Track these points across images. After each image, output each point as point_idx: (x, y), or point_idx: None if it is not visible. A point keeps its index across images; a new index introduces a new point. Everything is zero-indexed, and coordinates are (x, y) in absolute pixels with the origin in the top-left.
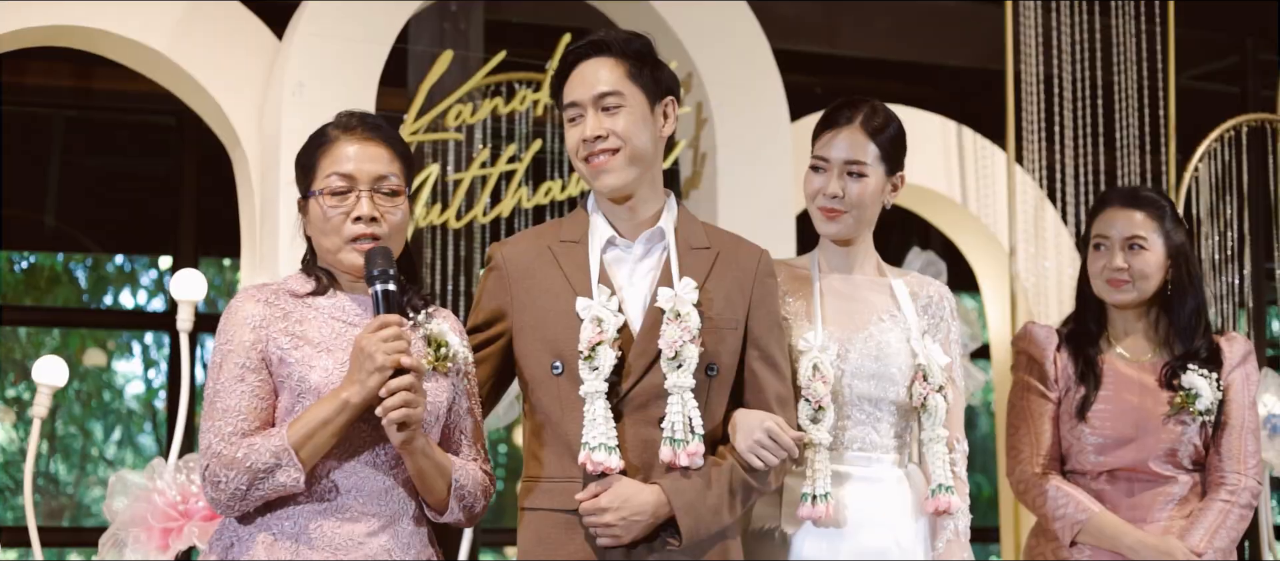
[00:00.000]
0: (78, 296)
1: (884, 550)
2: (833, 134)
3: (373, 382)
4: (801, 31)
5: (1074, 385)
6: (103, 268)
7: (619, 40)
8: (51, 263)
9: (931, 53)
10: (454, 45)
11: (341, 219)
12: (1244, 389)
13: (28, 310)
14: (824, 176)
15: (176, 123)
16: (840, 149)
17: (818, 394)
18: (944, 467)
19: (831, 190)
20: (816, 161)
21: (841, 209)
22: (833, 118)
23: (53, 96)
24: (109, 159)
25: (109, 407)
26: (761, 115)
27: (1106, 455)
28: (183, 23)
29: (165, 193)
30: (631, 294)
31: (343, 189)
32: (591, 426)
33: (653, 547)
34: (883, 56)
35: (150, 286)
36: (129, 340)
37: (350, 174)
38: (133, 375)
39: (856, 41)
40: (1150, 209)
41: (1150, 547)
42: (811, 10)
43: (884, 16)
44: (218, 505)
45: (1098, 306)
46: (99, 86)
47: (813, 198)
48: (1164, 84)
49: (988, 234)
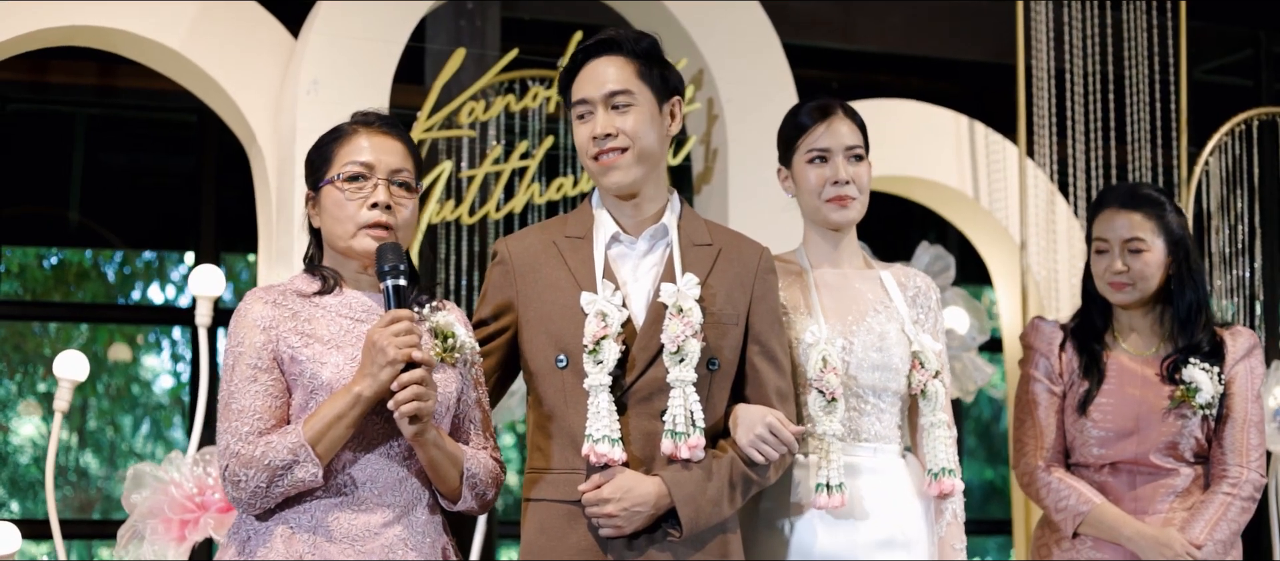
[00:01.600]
0: (106, 292)
1: (890, 537)
2: (825, 125)
3: (385, 376)
4: (818, 26)
5: (1078, 380)
6: (132, 263)
7: (628, 39)
8: (80, 258)
9: (945, 47)
10: (470, 43)
11: (357, 205)
12: (1248, 382)
13: (56, 306)
14: (830, 166)
15: (198, 119)
16: (839, 137)
17: (830, 386)
18: (945, 451)
19: (843, 176)
20: (816, 153)
21: (853, 195)
22: (811, 113)
23: (76, 95)
24: (132, 156)
25: (138, 401)
26: (773, 111)
27: (1108, 448)
28: (199, 21)
29: (187, 189)
30: (635, 289)
31: (360, 175)
32: (595, 419)
33: (653, 538)
34: (898, 51)
35: (179, 281)
36: (157, 335)
37: (369, 163)
38: (161, 369)
39: (872, 36)
40: (1148, 209)
41: (1150, 539)
42: (828, 6)
43: (898, 12)
44: (239, 504)
45: (1103, 303)
46: (122, 84)
47: (820, 188)
48: (1176, 78)
49: (1000, 227)
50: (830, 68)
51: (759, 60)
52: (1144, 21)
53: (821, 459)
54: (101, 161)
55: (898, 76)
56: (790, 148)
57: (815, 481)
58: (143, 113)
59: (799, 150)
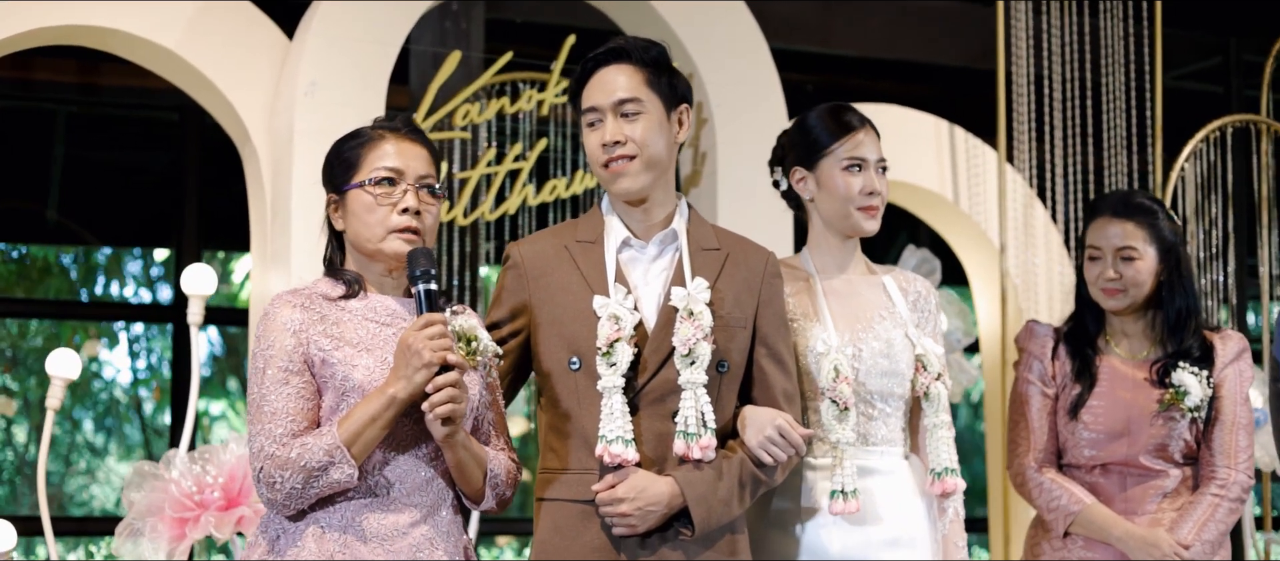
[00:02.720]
0: (70, 288)
1: (897, 536)
2: (863, 133)
3: (420, 378)
4: (796, 30)
5: (1070, 382)
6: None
7: (638, 48)
8: (45, 254)
9: (923, 52)
10: (456, 44)
11: (388, 210)
12: (1236, 386)
13: (17, 302)
14: (865, 175)
15: (180, 118)
16: (875, 148)
17: (844, 395)
18: (947, 451)
19: (875, 187)
20: (855, 161)
21: (879, 205)
22: (848, 120)
23: (57, 92)
24: (113, 153)
25: (97, 398)
26: (761, 115)
27: (1099, 449)
28: (195, 22)
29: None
30: (646, 292)
31: (390, 180)
32: (609, 420)
33: (665, 537)
34: (876, 55)
35: (139, 277)
36: (118, 332)
37: (399, 168)
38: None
39: (850, 40)
40: (1141, 217)
41: (1139, 539)
42: (806, 9)
43: (877, 15)
44: (274, 505)
45: (1096, 308)
46: (104, 82)
47: (855, 197)
48: (1152, 84)
49: (978, 231)
50: (807, 71)
51: (747, 64)
52: (1120, 29)
53: (835, 465)
54: (82, 158)
55: (876, 80)
56: (818, 151)
57: (830, 488)
58: (125, 110)
59: (832, 155)
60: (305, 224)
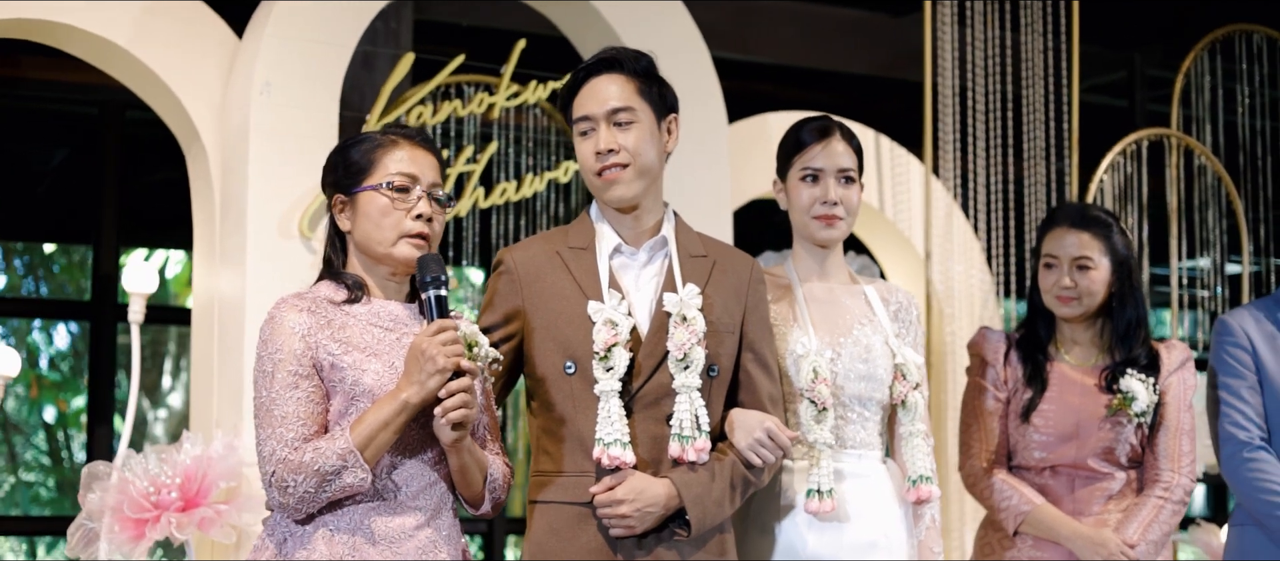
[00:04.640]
0: None
1: (873, 540)
2: (821, 145)
3: (433, 383)
4: (711, 36)
5: (1022, 387)
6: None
7: (629, 58)
8: None
9: (837, 60)
10: (384, 44)
11: (402, 215)
12: (1181, 393)
13: None
14: (820, 186)
15: (99, 113)
16: (833, 158)
17: (822, 396)
18: (924, 459)
19: (832, 197)
20: (810, 172)
21: (840, 215)
22: (812, 132)
23: None
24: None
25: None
26: (699, 115)
27: (1049, 452)
28: (143, 18)
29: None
30: (638, 298)
31: (406, 186)
32: (606, 423)
33: (661, 538)
34: (789, 63)
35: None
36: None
37: (414, 174)
38: None
39: (764, 47)
40: (1096, 229)
41: (1086, 539)
42: (721, 15)
43: (792, 24)
44: (286, 509)
45: (1048, 315)
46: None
47: (809, 207)
48: (1068, 97)
49: (903, 239)
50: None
51: (686, 64)
52: (1040, 43)
53: (812, 465)
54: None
55: (786, 87)
56: (787, 163)
57: (806, 487)
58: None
59: (794, 166)
60: (260, 223)
